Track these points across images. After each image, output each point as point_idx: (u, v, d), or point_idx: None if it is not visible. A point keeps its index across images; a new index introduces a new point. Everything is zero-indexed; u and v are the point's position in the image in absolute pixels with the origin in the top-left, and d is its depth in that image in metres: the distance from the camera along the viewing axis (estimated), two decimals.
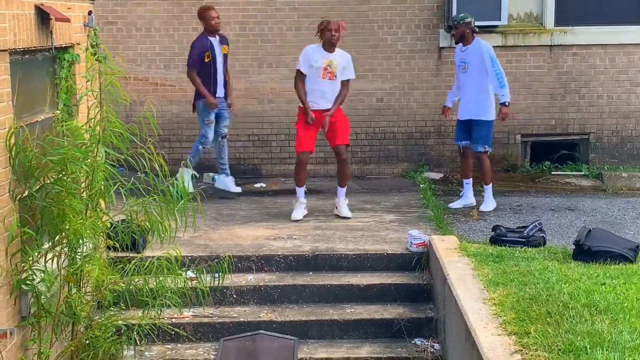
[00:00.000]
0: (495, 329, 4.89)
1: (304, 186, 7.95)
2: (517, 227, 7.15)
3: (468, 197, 8.52)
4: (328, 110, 7.76)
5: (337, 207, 8.04)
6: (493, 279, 5.80)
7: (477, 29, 8.40)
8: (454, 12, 9.67)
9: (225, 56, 8.70)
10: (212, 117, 8.57)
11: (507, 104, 8.25)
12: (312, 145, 7.85)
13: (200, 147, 8.62)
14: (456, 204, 8.49)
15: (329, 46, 7.75)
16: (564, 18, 10.07)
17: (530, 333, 4.75)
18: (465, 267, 6.14)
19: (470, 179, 8.51)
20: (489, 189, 8.44)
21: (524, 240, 6.80)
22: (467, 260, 6.28)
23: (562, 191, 9.36)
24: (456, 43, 8.45)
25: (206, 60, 8.50)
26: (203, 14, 8.59)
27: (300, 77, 7.78)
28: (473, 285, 5.73)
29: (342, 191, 8.01)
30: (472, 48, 8.29)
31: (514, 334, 4.79)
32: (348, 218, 7.89)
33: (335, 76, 7.78)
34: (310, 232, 7.52)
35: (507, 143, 10.19)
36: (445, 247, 6.59)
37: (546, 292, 5.43)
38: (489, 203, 8.43)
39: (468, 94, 8.33)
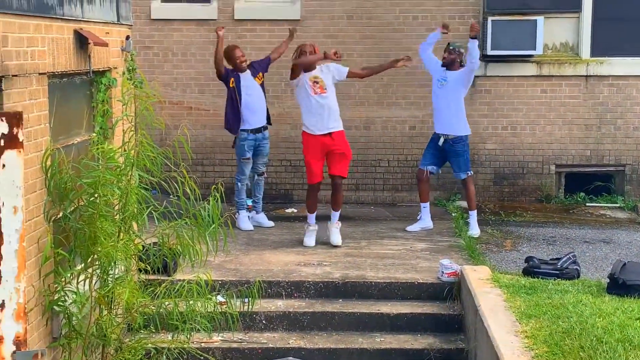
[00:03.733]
0: None
1: (315, 213, 7.98)
2: (551, 259, 7.06)
3: (426, 221, 8.64)
4: (333, 132, 7.80)
5: (327, 233, 7.98)
6: (525, 311, 5.73)
7: (465, 62, 8.45)
8: (489, 43, 9.67)
9: (261, 85, 8.69)
10: (248, 155, 8.57)
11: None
12: (322, 174, 7.93)
13: (239, 184, 8.62)
14: (414, 227, 8.60)
15: (308, 69, 7.86)
16: (600, 48, 10.01)
17: None
18: (497, 298, 6.07)
19: (428, 203, 8.66)
20: (474, 214, 8.55)
21: (557, 272, 6.71)
22: (499, 292, 6.21)
23: (597, 223, 9.23)
24: (442, 65, 8.48)
25: (230, 85, 8.54)
26: (229, 53, 8.57)
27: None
28: (505, 317, 5.66)
29: (335, 215, 7.99)
30: (456, 74, 8.40)
31: None
32: (338, 246, 7.82)
33: (326, 89, 7.82)
34: (341, 259, 7.49)
35: (541, 173, 10.11)
36: (477, 277, 6.52)
37: (579, 325, 5.34)
38: (474, 228, 8.48)
39: (442, 110, 8.44)
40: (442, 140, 8.46)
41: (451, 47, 8.44)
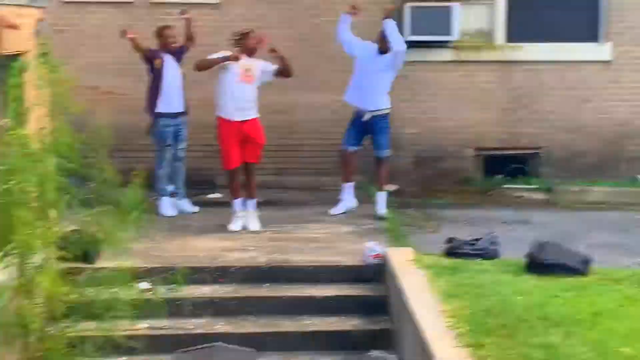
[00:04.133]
0: (451, 342, 4.91)
1: (240, 198, 7.97)
2: (471, 240, 7.20)
3: (349, 200, 8.69)
4: (247, 120, 7.80)
5: (246, 220, 7.98)
6: (448, 291, 5.83)
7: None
8: (409, 29, 9.74)
9: (181, 73, 8.62)
10: (170, 142, 8.48)
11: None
12: (239, 159, 7.91)
13: (160, 170, 8.51)
14: (337, 209, 8.61)
15: (250, 54, 7.86)
16: (514, 35, 10.24)
17: (485, 345, 4.78)
18: (421, 279, 6.16)
19: (352, 183, 8.69)
20: (384, 194, 8.57)
21: (478, 252, 6.86)
22: (422, 273, 6.30)
23: (514, 204, 9.48)
24: (380, 52, 8.46)
25: (156, 66, 8.43)
26: (161, 31, 8.49)
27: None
28: (428, 297, 5.75)
29: (251, 203, 8.01)
30: (387, 59, 8.43)
31: (470, 347, 4.82)
32: (262, 231, 7.85)
33: (254, 81, 7.83)
34: (266, 243, 7.48)
35: (460, 157, 10.29)
36: (401, 259, 6.61)
37: (500, 304, 5.48)
38: (383, 208, 8.52)
39: (368, 88, 8.43)
40: (368, 115, 8.46)
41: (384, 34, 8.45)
